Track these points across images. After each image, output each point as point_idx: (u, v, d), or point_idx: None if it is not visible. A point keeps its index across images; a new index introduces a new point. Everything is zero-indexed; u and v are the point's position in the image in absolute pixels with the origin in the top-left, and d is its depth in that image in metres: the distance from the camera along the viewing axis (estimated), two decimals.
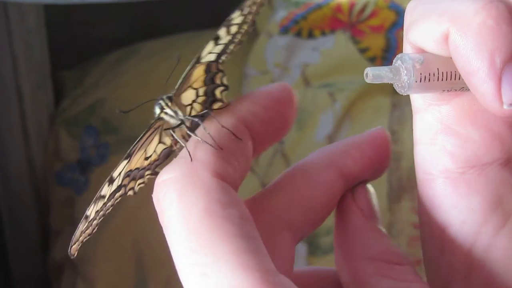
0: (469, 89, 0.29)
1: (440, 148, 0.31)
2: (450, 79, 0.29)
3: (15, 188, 1.14)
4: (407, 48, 0.31)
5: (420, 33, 0.29)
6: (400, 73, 0.29)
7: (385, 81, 0.29)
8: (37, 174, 1.16)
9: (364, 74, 0.29)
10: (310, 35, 1.14)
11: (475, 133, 0.30)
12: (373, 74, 0.29)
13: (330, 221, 0.33)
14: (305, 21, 1.15)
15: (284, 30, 1.16)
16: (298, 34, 1.15)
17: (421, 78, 0.29)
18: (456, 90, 0.30)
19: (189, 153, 0.27)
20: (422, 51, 0.30)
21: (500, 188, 0.31)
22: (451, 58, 0.29)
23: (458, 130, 0.31)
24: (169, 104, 0.30)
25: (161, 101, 0.30)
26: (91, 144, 1.16)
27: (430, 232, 0.32)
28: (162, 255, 1.04)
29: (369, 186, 0.33)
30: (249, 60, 1.14)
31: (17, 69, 1.09)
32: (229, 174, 0.28)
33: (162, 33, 1.23)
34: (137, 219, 1.06)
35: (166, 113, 0.30)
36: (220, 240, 0.25)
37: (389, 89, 1.03)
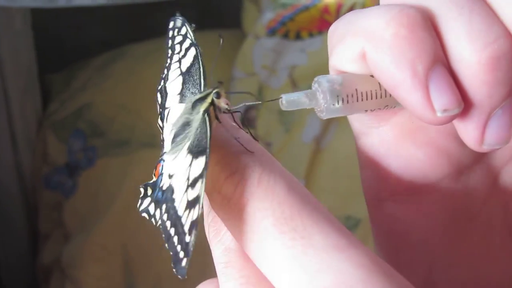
0: (394, 106, 0.29)
1: (385, 172, 0.31)
2: (371, 98, 0.28)
3: (3, 192, 1.14)
4: (331, 73, 0.30)
5: (339, 56, 0.28)
6: (317, 97, 0.28)
7: (303, 107, 0.28)
8: (25, 178, 1.15)
9: (279, 102, 0.28)
10: (298, 37, 1.14)
11: (418, 151, 0.30)
12: (288, 101, 0.28)
13: None
14: (292, 23, 1.15)
15: (271, 32, 1.15)
16: (286, 35, 1.15)
17: (339, 100, 0.28)
18: (380, 108, 0.29)
19: (243, 146, 0.27)
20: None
21: (452, 204, 0.31)
22: (372, 77, 0.28)
23: (401, 151, 0.30)
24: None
25: (218, 90, 0.29)
26: (78, 148, 1.15)
27: (384, 256, 0.32)
28: (150, 258, 1.04)
29: None
30: (236, 62, 1.14)
31: (4, 72, 1.09)
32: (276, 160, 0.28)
33: (149, 36, 1.22)
34: (124, 223, 1.06)
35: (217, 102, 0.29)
36: (311, 209, 0.25)
37: None
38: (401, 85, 0.26)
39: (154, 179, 0.30)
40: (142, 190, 0.30)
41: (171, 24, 0.34)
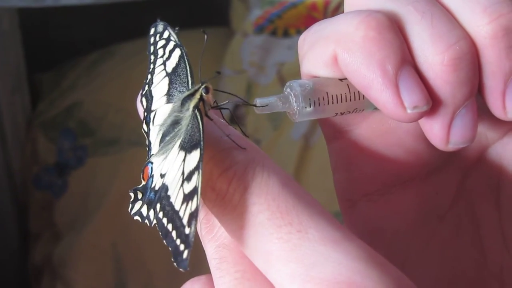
0: (363, 110, 0.30)
1: (357, 173, 0.31)
2: (341, 102, 0.29)
3: None
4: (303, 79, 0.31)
5: (311, 62, 0.30)
6: (290, 100, 0.29)
7: (276, 110, 0.29)
8: (15, 178, 1.15)
9: (254, 105, 0.29)
10: (286, 34, 1.14)
11: (389, 152, 0.31)
12: (262, 104, 0.29)
13: None
14: (280, 20, 1.15)
15: (259, 29, 1.16)
16: (274, 33, 1.15)
17: (310, 104, 0.29)
18: (350, 112, 0.30)
19: (235, 143, 0.27)
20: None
21: (423, 203, 0.32)
22: (341, 80, 0.29)
23: (371, 152, 0.31)
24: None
25: (206, 84, 0.30)
26: (68, 147, 1.15)
27: None
28: (141, 256, 1.04)
29: None
30: (224, 60, 1.14)
31: None
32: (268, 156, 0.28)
33: (139, 35, 1.22)
34: (115, 221, 1.06)
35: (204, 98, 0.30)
36: (305, 203, 0.25)
37: None
38: (372, 84, 0.27)
39: (143, 182, 0.30)
40: (132, 194, 0.30)
41: (152, 31, 0.35)
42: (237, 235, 0.26)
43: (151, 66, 0.34)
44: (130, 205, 0.30)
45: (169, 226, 0.27)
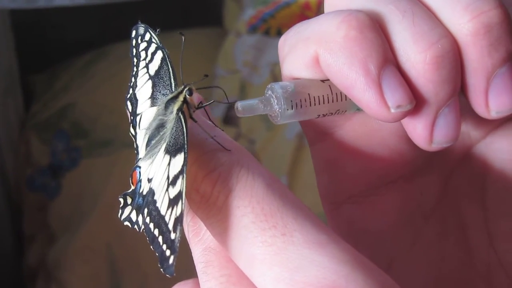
0: (345, 111, 0.30)
1: (341, 175, 0.31)
2: (323, 103, 0.29)
3: None
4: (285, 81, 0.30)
5: (292, 64, 0.29)
6: (271, 103, 0.29)
7: (258, 113, 0.29)
8: (9, 180, 1.15)
9: (235, 108, 0.29)
10: (279, 34, 1.14)
11: (372, 152, 0.31)
12: (243, 107, 0.29)
13: None
14: (273, 20, 1.15)
15: (253, 29, 1.16)
16: (267, 32, 1.15)
17: (292, 106, 0.29)
18: (332, 113, 0.30)
19: (220, 144, 0.27)
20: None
21: (407, 204, 0.32)
22: (323, 81, 0.29)
23: (355, 154, 0.31)
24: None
25: (190, 87, 0.30)
26: (62, 149, 1.15)
27: None
28: (136, 257, 1.04)
29: None
30: (218, 60, 1.14)
31: None
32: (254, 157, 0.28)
33: None
34: (109, 223, 1.06)
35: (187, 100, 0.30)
36: (290, 205, 0.25)
37: None
38: (355, 84, 0.27)
39: (132, 187, 0.30)
40: (121, 200, 0.30)
41: (133, 33, 0.35)
42: (222, 238, 0.26)
43: (134, 68, 0.34)
44: (120, 211, 0.30)
45: (156, 232, 0.27)
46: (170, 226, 0.26)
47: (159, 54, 0.32)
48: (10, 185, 1.16)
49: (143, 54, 0.34)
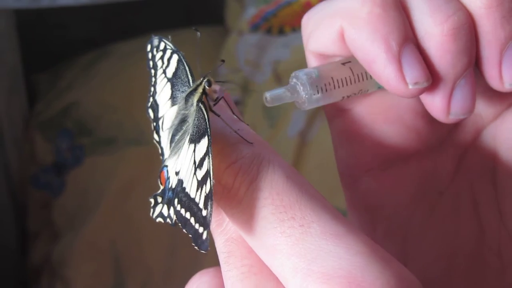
0: (367, 90, 0.31)
1: (359, 149, 0.32)
2: (346, 85, 0.30)
3: None
4: (309, 58, 0.32)
5: (319, 39, 0.31)
6: (297, 90, 0.30)
7: (285, 101, 0.30)
8: (13, 178, 1.15)
9: (264, 99, 0.30)
10: (281, 32, 1.14)
11: (390, 129, 0.32)
12: (272, 97, 0.30)
13: None
14: (275, 18, 1.16)
15: (255, 28, 1.16)
16: (269, 31, 1.15)
17: (318, 90, 0.30)
18: (355, 94, 0.31)
19: (243, 137, 0.28)
20: (324, 57, 0.31)
21: (423, 179, 0.33)
22: (343, 64, 0.30)
23: (373, 129, 0.32)
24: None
25: (208, 78, 0.31)
26: (66, 147, 1.15)
27: (363, 231, 0.33)
28: (140, 254, 1.04)
29: None
30: (220, 58, 1.14)
31: None
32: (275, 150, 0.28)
33: (135, 34, 1.22)
34: (113, 220, 1.07)
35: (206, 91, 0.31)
36: (309, 197, 0.26)
37: None
38: (377, 59, 0.28)
39: (162, 187, 0.31)
40: (152, 200, 0.31)
41: (148, 47, 0.36)
42: (243, 228, 0.27)
43: (153, 79, 0.35)
44: (151, 210, 0.30)
45: (187, 215, 0.27)
46: (201, 204, 0.26)
47: (175, 57, 0.33)
48: (15, 183, 1.16)
49: (159, 63, 0.35)
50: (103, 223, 1.07)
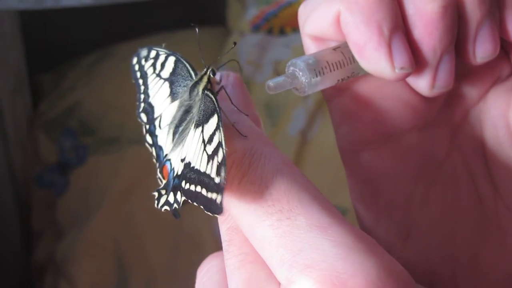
0: (359, 73, 0.32)
1: (358, 124, 0.34)
2: (340, 67, 0.32)
3: None
4: (306, 41, 0.33)
5: (316, 22, 0.32)
6: (297, 76, 0.31)
7: (287, 87, 0.31)
8: (17, 177, 1.16)
9: (266, 87, 0.31)
10: (282, 32, 1.15)
11: (387, 104, 0.33)
12: (274, 85, 0.31)
13: None
14: (276, 19, 1.16)
15: (256, 28, 1.17)
16: (270, 31, 1.16)
17: (316, 74, 0.31)
18: (349, 76, 0.32)
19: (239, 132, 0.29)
20: (320, 40, 0.33)
21: (421, 151, 0.34)
22: (334, 50, 0.32)
23: (371, 105, 0.33)
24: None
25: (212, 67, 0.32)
26: (69, 146, 1.16)
27: (364, 205, 0.34)
28: (143, 252, 1.05)
29: None
30: (221, 58, 1.14)
31: None
32: (270, 142, 0.30)
33: (138, 35, 1.23)
34: (116, 218, 1.07)
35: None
36: (297, 189, 0.27)
37: None
38: (369, 42, 0.30)
39: (164, 181, 0.32)
40: (155, 194, 0.31)
41: (134, 60, 0.36)
42: (237, 220, 0.28)
43: (142, 87, 0.36)
44: (156, 201, 0.31)
45: (198, 188, 0.28)
46: (213, 174, 0.27)
47: (171, 59, 0.34)
48: (19, 183, 1.17)
49: (150, 70, 0.35)
50: (106, 221, 1.08)
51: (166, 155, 0.33)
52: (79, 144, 1.16)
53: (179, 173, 0.30)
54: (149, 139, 0.35)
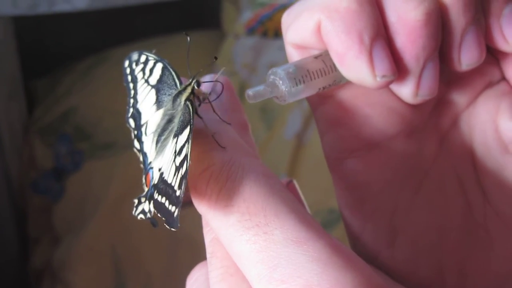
0: (340, 81, 0.32)
1: (344, 132, 0.33)
2: (321, 76, 0.31)
3: None
4: (289, 50, 0.33)
5: (297, 30, 0.32)
6: (277, 85, 0.31)
7: (266, 96, 0.31)
8: (13, 183, 1.16)
9: (246, 96, 0.31)
10: (276, 35, 1.15)
11: (372, 111, 0.33)
12: (254, 94, 0.31)
13: None
14: (270, 22, 1.16)
15: (251, 31, 1.17)
16: (264, 34, 1.16)
17: (296, 83, 0.31)
18: (330, 85, 0.32)
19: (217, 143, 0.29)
20: (302, 48, 0.32)
21: (408, 158, 0.34)
22: (316, 58, 0.31)
23: (356, 112, 0.33)
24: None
25: (197, 79, 0.32)
26: (65, 152, 1.16)
27: (350, 212, 0.34)
28: (140, 258, 1.05)
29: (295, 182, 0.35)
30: (216, 62, 1.15)
31: None
32: (251, 152, 0.29)
33: (132, 39, 1.23)
34: (113, 224, 1.07)
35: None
36: (275, 203, 0.26)
37: None
38: (349, 51, 0.29)
39: (146, 189, 0.31)
40: (135, 201, 0.31)
41: (126, 63, 0.36)
42: (217, 234, 0.27)
43: (132, 91, 0.36)
44: (134, 209, 0.31)
45: (163, 199, 0.28)
46: (176, 186, 0.27)
47: (159, 66, 0.34)
48: (15, 189, 1.17)
49: (140, 75, 0.35)
50: (103, 227, 1.08)
51: (150, 162, 0.32)
52: (75, 150, 1.16)
53: (156, 182, 0.30)
54: (137, 144, 0.35)
